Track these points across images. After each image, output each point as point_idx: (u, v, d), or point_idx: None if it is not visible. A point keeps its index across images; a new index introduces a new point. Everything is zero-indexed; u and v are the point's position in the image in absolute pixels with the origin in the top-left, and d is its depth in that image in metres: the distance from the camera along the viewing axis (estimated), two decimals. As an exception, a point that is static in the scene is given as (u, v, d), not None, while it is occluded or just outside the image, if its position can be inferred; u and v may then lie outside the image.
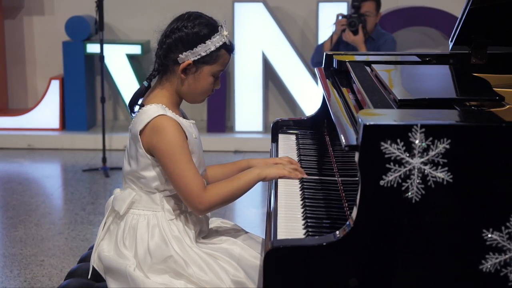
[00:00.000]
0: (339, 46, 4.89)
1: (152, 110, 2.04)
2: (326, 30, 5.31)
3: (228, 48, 2.10)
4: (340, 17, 4.87)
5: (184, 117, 2.15)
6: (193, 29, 2.06)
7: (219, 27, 2.08)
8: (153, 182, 2.07)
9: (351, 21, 4.78)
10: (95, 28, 5.31)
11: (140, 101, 2.13)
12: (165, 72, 2.11)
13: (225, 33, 2.08)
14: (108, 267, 2.08)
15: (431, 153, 1.57)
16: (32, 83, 6.42)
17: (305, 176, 2.18)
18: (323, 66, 2.75)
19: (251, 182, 2.09)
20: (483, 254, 1.61)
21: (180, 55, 2.06)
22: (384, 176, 1.58)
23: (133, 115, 2.12)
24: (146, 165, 2.06)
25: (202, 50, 2.06)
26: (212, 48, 2.06)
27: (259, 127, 5.97)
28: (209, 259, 2.04)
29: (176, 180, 2.02)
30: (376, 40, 4.86)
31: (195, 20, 2.07)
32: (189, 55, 2.06)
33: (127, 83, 5.90)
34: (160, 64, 2.10)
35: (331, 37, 4.93)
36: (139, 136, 2.03)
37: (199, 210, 2.04)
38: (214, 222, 2.29)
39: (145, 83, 2.14)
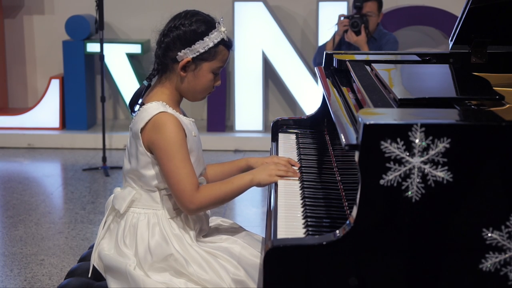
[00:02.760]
0: (342, 46, 4.89)
1: (153, 107, 2.05)
2: (328, 31, 5.30)
3: (226, 44, 2.11)
4: (342, 18, 4.86)
5: (185, 115, 2.15)
6: (191, 26, 2.07)
7: (217, 23, 2.09)
8: (153, 181, 2.08)
9: (354, 22, 4.78)
10: (95, 27, 5.31)
11: (140, 101, 2.14)
12: (165, 71, 2.11)
13: (223, 29, 2.09)
14: (108, 266, 2.08)
15: (431, 152, 1.57)
16: (32, 82, 6.42)
17: (298, 175, 2.17)
18: (323, 65, 2.75)
19: (244, 187, 2.09)
20: (483, 253, 1.62)
21: (178, 53, 2.07)
22: (384, 175, 1.58)
23: (134, 114, 2.13)
24: (146, 163, 2.06)
25: (201, 47, 2.06)
26: (211, 45, 2.07)
27: (259, 126, 5.97)
28: (209, 257, 2.04)
29: (170, 177, 2.02)
30: (378, 40, 4.85)
31: (192, 18, 2.08)
32: (187, 53, 2.07)
33: (127, 82, 5.90)
34: (159, 63, 2.11)
35: (333, 37, 4.93)
36: (140, 134, 2.04)
37: (189, 209, 2.04)
38: (214, 221, 2.30)
39: (145, 83, 2.14)
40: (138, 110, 2.11)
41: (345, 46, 4.87)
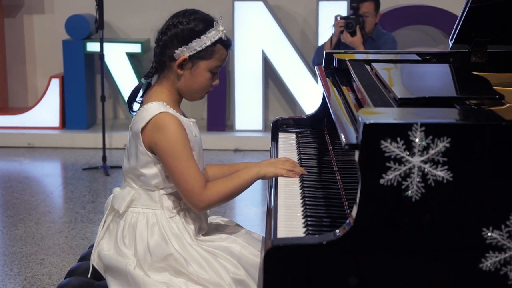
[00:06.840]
0: (339, 47, 4.89)
1: (154, 107, 2.05)
2: (325, 32, 5.31)
3: (224, 43, 2.11)
4: (338, 18, 4.87)
5: (184, 116, 2.16)
6: (188, 24, 2.07)
7: (215, 22, 2.09)
8: (153, 180, 2.08)
9: (348, 23, 4.78)
10: (95, 26, 5.31)
11: (138, 99, 2.14)
12: (163, 69, 2.12)
13: (221, 28, 2.09)
14: (108, 266, 2.08)
15: (431, 151, 1.57)
16: (32, 82, 6.42)
17: (304, 172, 2.18)
18: (323, 65, 2.75)
19: (250, 180, 2.10)
20: (483, 252, 1.62)
21: (176, 51, 2.07)
22: (384, 175, 1.58)
23: (132, 113, 2.13)
24: (146, 162, 2.06)
25: (197, 45, 2.07)
26: (208, 43, 2.07)
27: (259, 126, 5.96)
28: (209, 257, 2.04)
29: (177, 177, 2.02)
30: (377, 40, 4.86)
31: (191, 16, 2.09)
32: (184, 50, 2.07)
33: (127, 81, 5.89)
34: (157, 62, 2.12)
35: (331, 38, 4.94)
36: (140, 134, 2.04)
37: (199, 207, 2.05)
38: (214, 220, 2.30)
39: (143, 81, 2.15)
40: (139, 109, 2.11)
41: (343, 47, 4.88)
